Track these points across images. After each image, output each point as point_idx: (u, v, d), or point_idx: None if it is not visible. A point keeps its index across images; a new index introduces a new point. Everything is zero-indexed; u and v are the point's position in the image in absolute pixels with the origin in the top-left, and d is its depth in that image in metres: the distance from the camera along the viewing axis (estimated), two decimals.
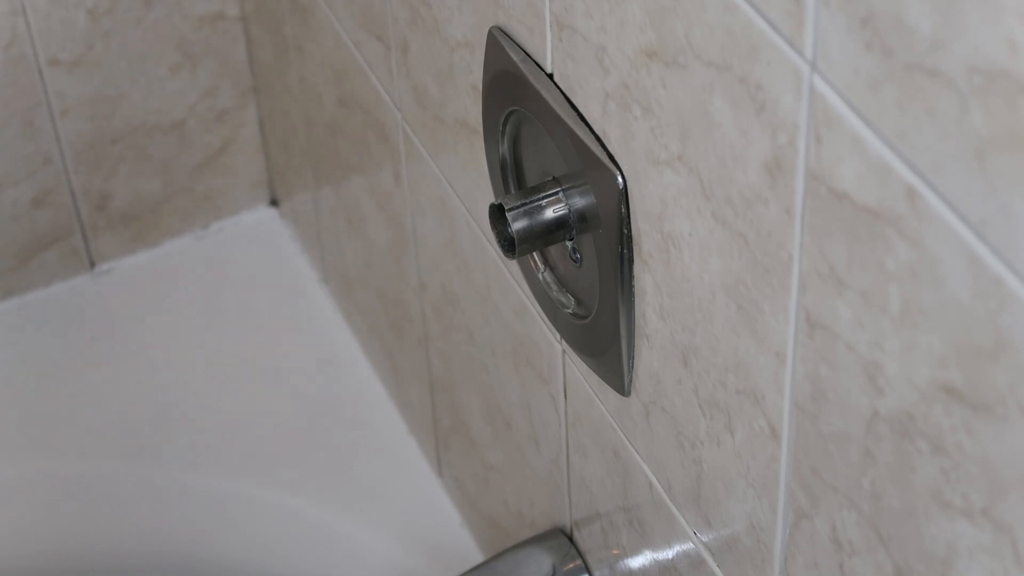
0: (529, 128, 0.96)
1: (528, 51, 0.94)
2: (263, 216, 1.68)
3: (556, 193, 0.93)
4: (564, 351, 1.06)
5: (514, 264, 1.08)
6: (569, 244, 0.96)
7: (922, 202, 0.63)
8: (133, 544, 1.46)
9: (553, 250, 1.01)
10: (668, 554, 1.00)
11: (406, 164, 1.24)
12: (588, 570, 1.17)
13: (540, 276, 1.02)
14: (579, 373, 1.05)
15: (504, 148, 1.01)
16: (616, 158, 0.87)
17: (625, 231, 0.88)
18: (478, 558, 1.38)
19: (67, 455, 1.49)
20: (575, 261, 0.96)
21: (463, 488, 1.40)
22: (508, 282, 1.12)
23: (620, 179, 0.87)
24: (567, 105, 0.91)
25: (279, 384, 1.52)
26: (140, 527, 1.46)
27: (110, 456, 1.47)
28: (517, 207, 0.93)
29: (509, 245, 0.94)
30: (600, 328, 0.95)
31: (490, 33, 0.97)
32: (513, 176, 1.01)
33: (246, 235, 1.66)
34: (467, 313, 1.22)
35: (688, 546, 0.97)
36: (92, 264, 1.63)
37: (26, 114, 1.52)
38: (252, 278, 1.62)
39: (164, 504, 1.46)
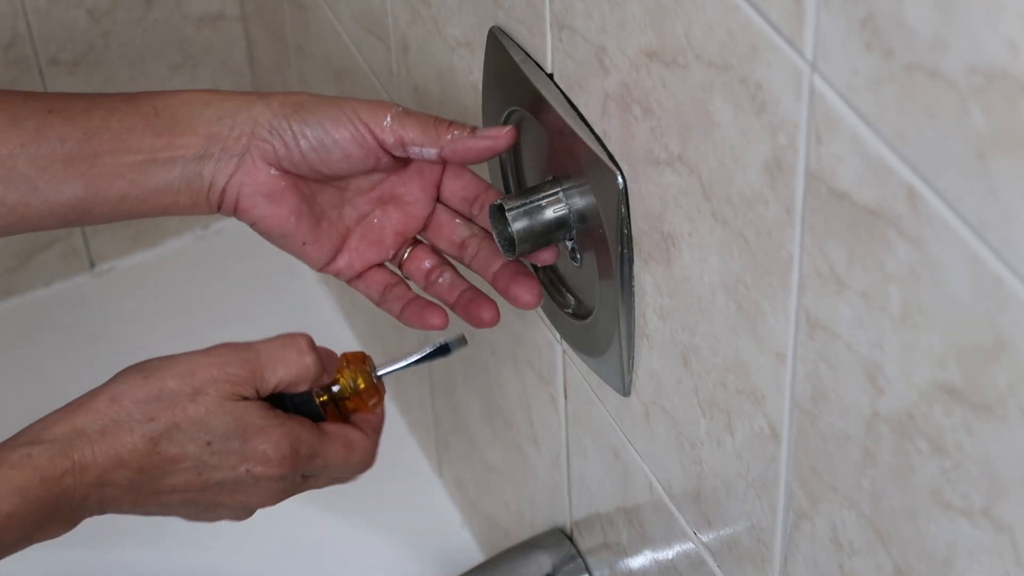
0: (529, 128, 0.96)
1: (528, 51, 0.94)
2: None
3: (556, 193, 0.93)
4: (564, 351, 1.06)
5: None
6: (569, 244, 0.96)
7: (922, 202, 0.63)
8: (131, 547, 1.45)
9: None
10: (668, 554, 1.00)
11: None
12: (588, 570, 1.17)
13: (540, 276, 1.02)
14: (579, 373, 1.05)
15: None
16: (616, 158, 0.87)
17: (625, 231, 0.88)
18: (478, 558, 1.38)
19: None
20: (575, 261, 0.96)
21: (463, 488, 1.40)
22: None
23: (620, 179, 0.87)
24: (567, 105, 0.91)
25: None
26: (138, 529, 1.46)
27: None
28: (517, 207, 0.93)
29: (509, 245, 0.94)
30: (600, 328, 0.95)
31: (490, 33, 0.97)
32: (513, 176, 1.01)
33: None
34: None
35: (688, 546, 0.97)
36: (92, 264, 1.63)
37: None
38: (252, 278, 1.61)
39: None
